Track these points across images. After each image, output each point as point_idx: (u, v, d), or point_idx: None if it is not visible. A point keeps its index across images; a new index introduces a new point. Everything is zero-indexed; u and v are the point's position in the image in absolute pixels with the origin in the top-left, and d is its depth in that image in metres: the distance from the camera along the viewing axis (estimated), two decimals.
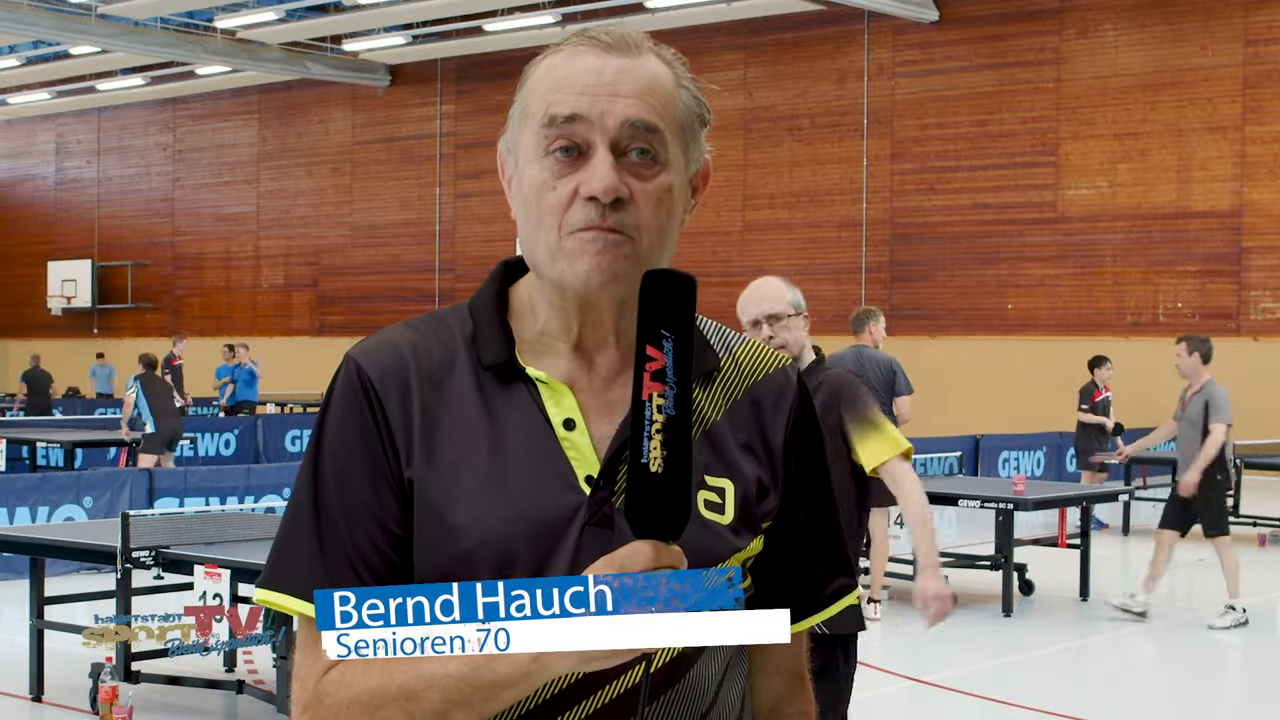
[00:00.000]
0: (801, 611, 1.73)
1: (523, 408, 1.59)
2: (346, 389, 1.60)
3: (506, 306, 1.66)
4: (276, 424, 21.19)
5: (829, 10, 25.07)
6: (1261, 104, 22.08)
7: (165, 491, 12.16)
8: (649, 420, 1.39)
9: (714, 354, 1.68)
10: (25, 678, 7.59)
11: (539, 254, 1.57)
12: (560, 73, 1.58)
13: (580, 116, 1.54)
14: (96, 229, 36.00)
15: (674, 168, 1.59)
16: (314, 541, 1.58)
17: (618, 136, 1.55)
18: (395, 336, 1.64)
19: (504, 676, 1.41)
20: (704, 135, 1.66)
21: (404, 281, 30.60)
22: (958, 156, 24.40)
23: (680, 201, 1.61)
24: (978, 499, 10.72)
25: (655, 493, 1.39)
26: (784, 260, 25.94)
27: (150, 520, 8.66)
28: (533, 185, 1.57)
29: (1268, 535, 14.49)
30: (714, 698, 1.63)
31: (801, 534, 1.71)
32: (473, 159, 29.72)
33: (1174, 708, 8.17)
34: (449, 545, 1.54)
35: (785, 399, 1.69)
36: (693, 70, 1.67)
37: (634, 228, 1.54)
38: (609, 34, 1.60)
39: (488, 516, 1.54)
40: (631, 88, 1.56)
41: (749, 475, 1.63)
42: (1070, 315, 23.38)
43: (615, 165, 1.54)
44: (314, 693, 1.52)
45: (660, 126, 1.57)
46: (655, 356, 1.40)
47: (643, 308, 1.41)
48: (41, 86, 33.95)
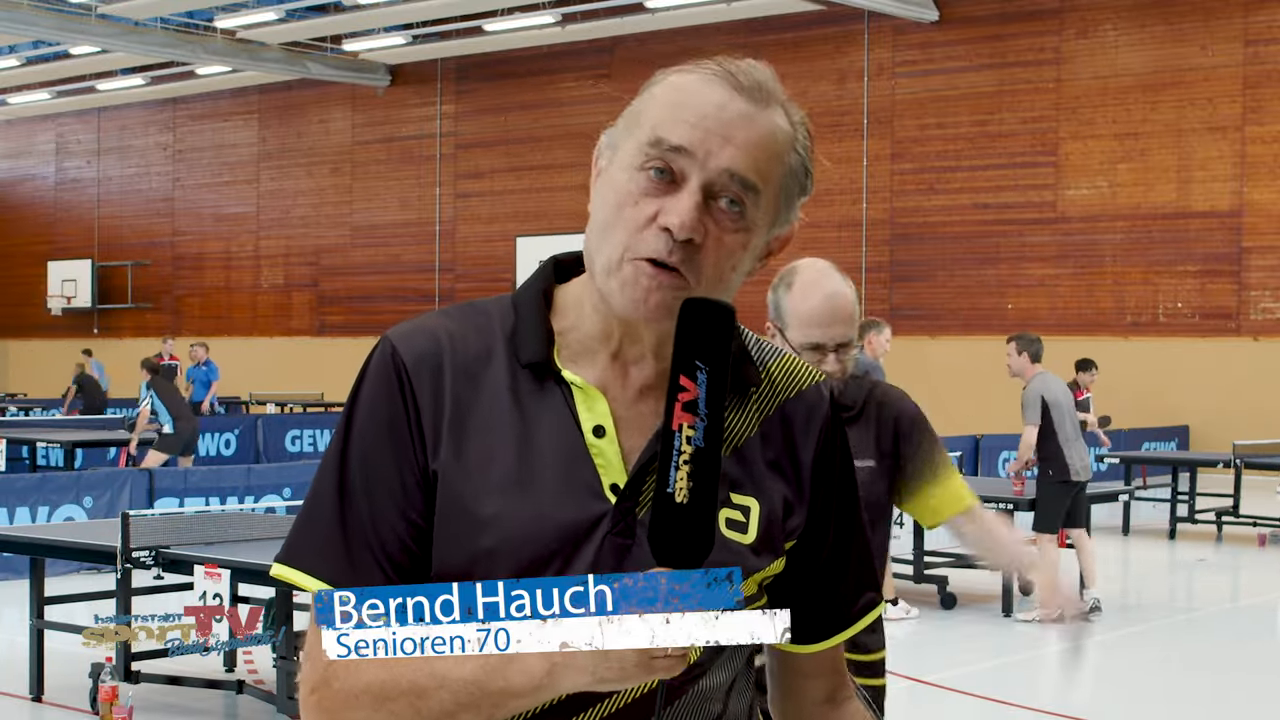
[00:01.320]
0: (833, 627, 1.74)
1: (555, 409, 1.58)
2: (380, 370, 1.60)
3: (551, 304, 1.65)
4: (276, 424, 21.18)
5: (829, 10, 25.07)
6: (1261, 104, 22.07)
7: (165, 491, 12.17)
8: (677, 450, 1.40)
9: (755, 369, 1.68)
10: (25, 678, 7.59)
11: (598, 260, 1.56)
12: (684, 95, 1.55)
13: (685, 149, 1.52)
14: (96, 229, 35.99)
15: (757, 228, 1.57)
16: (336, 522, 1.57)
17: (714, 181, 1.52)
18: (433, 323, 1.63)
19: (515, 687, 1.42)
20: (801, 205, 1.64)
21: (404, 281, 30.59)
22: (958, 156, 24.40)
23: (750, 260, 1.60)
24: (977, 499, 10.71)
25: (679, 523, 1.40)
26: (784, 260, 25.93)
27: (150, 520, 8.67)
28: (617, 192, 1.55)
29: (1268, 535, 14.49)
30: (723, 707, 1.64)
31: (832, 552, 1.71)
32: (473, 159, 29.71)
33: (1174, 708, 8.17)
34: (470, 541, 1.54)
35: (816, 417, 1.69)
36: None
37: (694, 272, 1.52)
38: (747, 75, 1.57)
39: (511, 516, 1.54)
40: (745, 138, 1.53)
41: (776, 494, 1.63)
42: (1070, 315, 23.38)
43: (700, 205, 1.52)
44: (324, 675, 1.52)
45: (759, 185, 1.54)
46: (688, 387, 1.40)
47: (679, 337, 1.41)
48: (41, 86, 33.95)
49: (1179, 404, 21.71)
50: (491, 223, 29.31)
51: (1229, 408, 21.57)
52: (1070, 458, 9.96)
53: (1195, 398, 21.63)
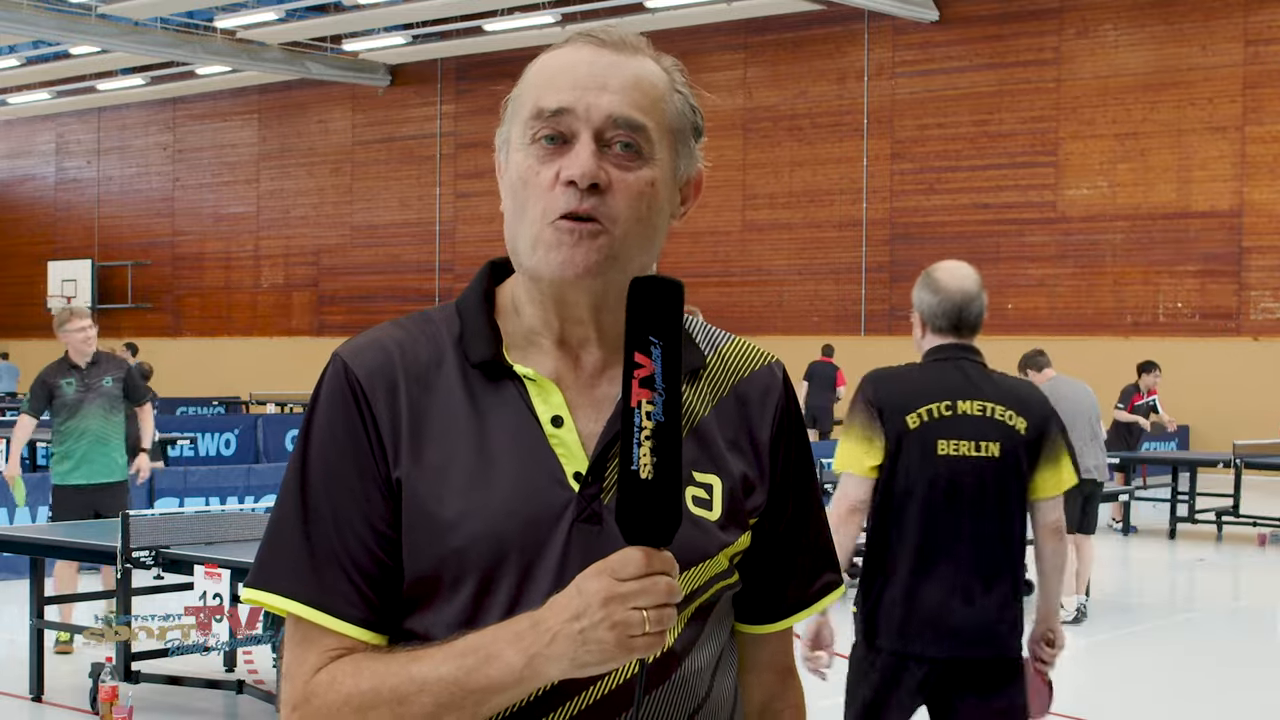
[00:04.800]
0: (790, 608, 1.74)
1: (510, 405, 1.59)
2: (334, 387, 1.60)
3: (494, 305, 1.66)
4: (276, 424, 21.18)
5: (829, 10, 25.07)
6: (1261, 104, 22.08)
7: (165, 491, 12.16)
8: (638, 427, 1.41)
9: (699, 352, 1.69)
10: (25, 678, 7.59)
11: (521, 243, 1.57)
12: (553, 67, 1.58)
13: (567, 109, 1.55)
14: (96, 229, 36.00)
15: (660, 166, 1.58)
16: (302, 541, 1.57)
17: (601, 128, 1.55)
18: (382, 335, 1.63)
19: (496, 681, 1.43)
20: (699, 147, 1.65)
21: (404, 281, 30.61)
22: (958, 156, 24.40)
23: (665, 201, 1.60)
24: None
25: (646, 499, 1.40)
26: (784, 260, 25.95)
27: (150, 520, 8.66)
28: (518, 171, 1.57)
29: (1268, 535, 14.49)
30: (709, 688, 1.64)
31: (788, 531, 1.72)
32: (473, 159, 29.71)
33: (1173, 708, 8.17)
34: (439, 544, 1.54)
35: (771, 396, 1.70)
36: (692, 71, 1.67)
37: (610, 217, 1.54)
38: (607, 33, 1.60)
39: (477, 514, 1.54)
40: (620, 83, 1.56)
41: (736, 472, 1.64)
42: (1070, 315, 23.39)
43: (596, 153, 1.54)
44: (303, 693, 1.53)
45: (645, 124, 1.56)
46: (643, 363, 1.41)
47: (630, 315, 1.42)
48: (41, 86, 33.96)
49: (1179, 404, 21.71)
50: (491, 223, 29.30)
51: (1229, 408, 21.58)
52: (1083, 455, 9.90)
53: (1195, 398, 21.63)
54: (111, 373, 8.63)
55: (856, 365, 28.70)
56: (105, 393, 8.56)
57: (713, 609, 1.63)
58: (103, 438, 8.59)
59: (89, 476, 8.61)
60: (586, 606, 1.40)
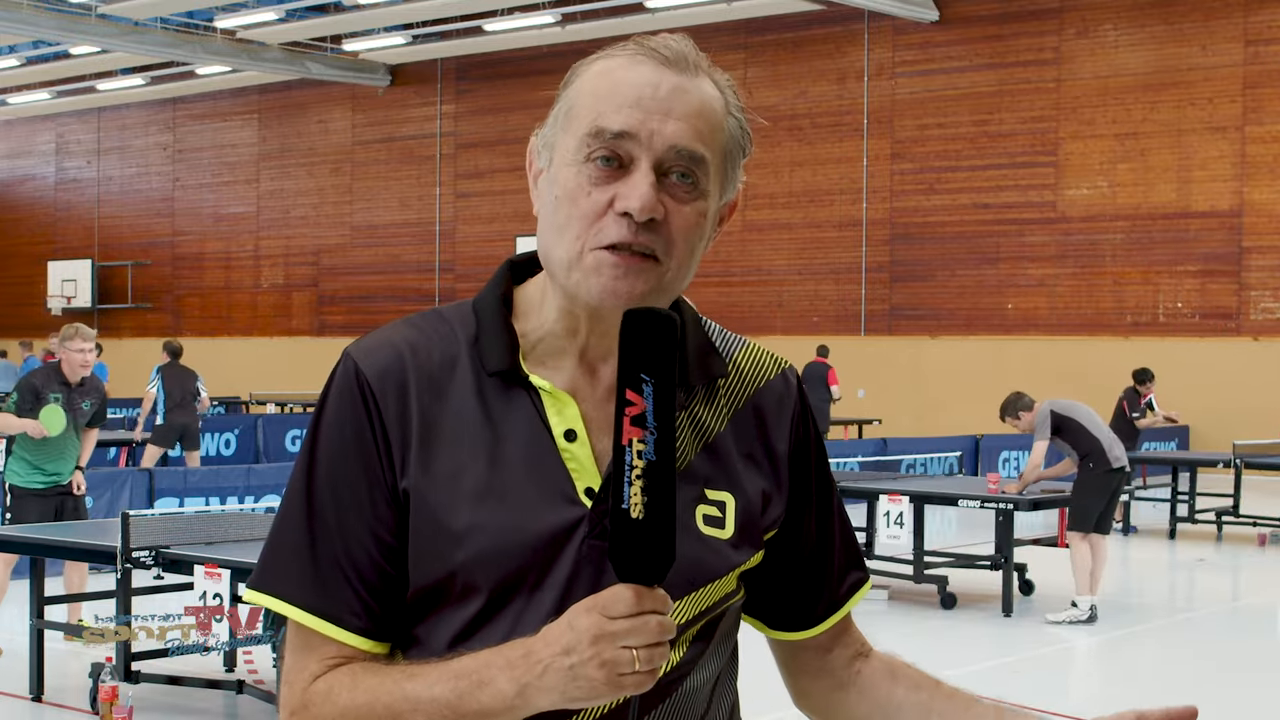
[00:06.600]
0: (824, 612, 1.74)
1: (524, 416, 1.56)
2: (344, 387, 1.57)
3: (511, 308, 1.62)
4: (277, 424, 21.17)
5: (829, 10, 25.07)
6: (1261, 104, 22.08)
7: (165, 491, 12.16)
8: (629, 466, 1.38)
9: (721, 361, 1.66)
10: (25, 678, 7.59)
11: (556, 257, 1.54)
12: (613, 80, 1.53)
13: (629, 133, 1.50)
14: (96, 229, 36.00)
15: (711, 196, 1.56)
16: (306, 545, 1.56)
17: (663, 158, 1.51)
18: (394, 335, 1.60)
19: (488, 707, 1.43)
20: (743, 166, 1.63)
21: (404, 281, 30.60)
22: (958, 156, 24.40)
23: (710, 229, 1.59)
24: (978, 499, 10.73)
25: (637, 538, 1.38)
26: (784, 260, 25.94)
27: (150, 520, 8.67)
28: (566, 188, 1.52)
29: (1268, 535, 14.49)
30: (707, 706, 1.63)
31: (815, 538, 1.71)
32: (473, 159, 29.71)
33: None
34: (447, 555, 1.52)
35: (787, 405, 1.68)
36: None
37: (663, 251, 1.51)
38: (668, 48, 1.55)
39: (486, 528, 1.52)
40: (684, 110, 1.52)
41: (752, 488, 1.62)
42: (1070, 315, 23.38)
43: (655, 184, 1.50)
44: (301, 700, 1.53)
45: (706, 156, 1.53)
46: (635, 401, 1.38)
47: (623, 350, 1.39)
48: (41, 86, 33.95)
49: (1179, 404, 21.69)
50: (491, 223, 29.31)
51: (1229, 408, 21.58)
52: (1109, 447, 10.02)
53: (1195, 398, 21.63)
54: (91, 397, 8.94)
55: (856, 365, 28.74)
56: (81, 413, 8.89)
57: (717, 627, 1.62)
58: (63, 452, 8.89)
59: (47, 482, 8.91)
60: (577, 642, 1.38)
